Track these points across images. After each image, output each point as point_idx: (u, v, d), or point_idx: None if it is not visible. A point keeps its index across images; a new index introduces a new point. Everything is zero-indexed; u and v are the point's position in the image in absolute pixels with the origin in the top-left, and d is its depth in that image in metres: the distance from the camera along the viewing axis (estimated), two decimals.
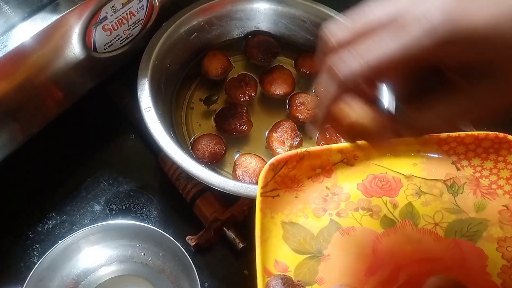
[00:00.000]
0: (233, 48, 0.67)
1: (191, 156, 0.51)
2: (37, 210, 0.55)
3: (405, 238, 0.42)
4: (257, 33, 0.68)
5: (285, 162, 0.42)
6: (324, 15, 0.63)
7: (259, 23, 0.67)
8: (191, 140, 0.58)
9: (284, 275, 0.36)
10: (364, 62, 0.27)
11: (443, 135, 0.44)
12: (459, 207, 0.44)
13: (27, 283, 0.43)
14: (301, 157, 0.43)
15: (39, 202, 0.56)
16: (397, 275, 0.40)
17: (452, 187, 0.45)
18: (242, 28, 0.67)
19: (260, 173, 0.41)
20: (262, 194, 0.41)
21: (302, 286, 0.35)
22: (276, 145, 0.57)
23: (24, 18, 0.46)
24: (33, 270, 0.44)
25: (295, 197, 0.43)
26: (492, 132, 0.44)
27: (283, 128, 0.58)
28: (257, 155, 0.56)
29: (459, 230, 0.43)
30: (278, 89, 0.62)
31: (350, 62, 0.28)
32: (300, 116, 0.60)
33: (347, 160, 0.44)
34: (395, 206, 0.43)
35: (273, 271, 0.39)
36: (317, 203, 0.43)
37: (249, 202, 0.52)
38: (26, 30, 0.45)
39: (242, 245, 0.51)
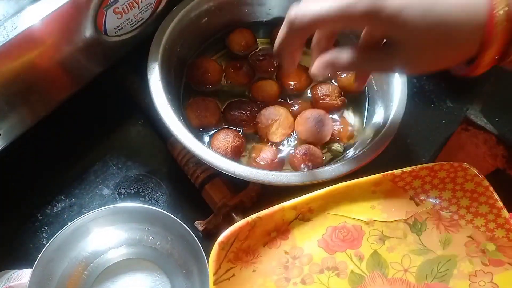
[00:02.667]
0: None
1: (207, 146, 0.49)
2: (46, 193, 0.55)
3: None
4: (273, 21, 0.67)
5: (236, 235, 0.40)
6: None
7: (270, 9, 0.66)
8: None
9: None
10: (309, 12, 0.37)
11: (397, 171, 0.43)
12: (425, 246, 0.44)
13: (36, 264, 0.44)
14: (252, 225, 0.41)
15: (48, 185, 0.56)
16: None
17: (415, 225, 0.44)
18: (253, 13, 0.66)
19: (210, 257, 0.38)
20: (215, 283, 0.38)
21: None
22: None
23: (36, 0, 0.46)
24: (42, 251, 0.44)
25: (253, 271, 0.40)
26: (447, 162, 0.43)
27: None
28: None
29: (429, 273, 0.42)
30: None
31: (299, 10, 0.38)
32: (324, 106, 0.58)
33: (302, 216, 0.42)
34: (360, 258, 0.42)
35: None
36: (278, 273, 0.40)
37: (258, 188, 0.52)
38: (37, 12, 0.45)
39: None
